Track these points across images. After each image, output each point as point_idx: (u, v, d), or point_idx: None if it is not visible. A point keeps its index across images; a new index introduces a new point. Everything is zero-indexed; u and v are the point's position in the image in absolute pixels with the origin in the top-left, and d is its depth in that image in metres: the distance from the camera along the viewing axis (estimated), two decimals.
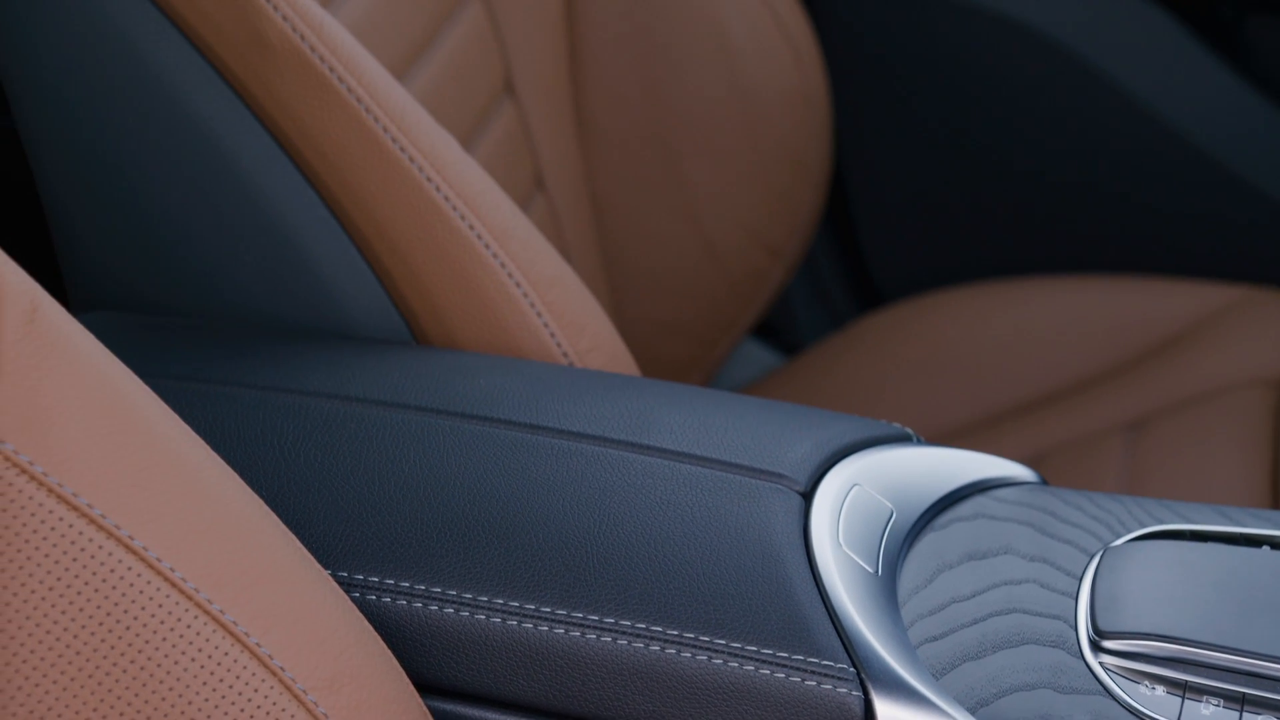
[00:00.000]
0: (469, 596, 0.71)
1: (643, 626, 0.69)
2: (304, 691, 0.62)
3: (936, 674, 0.68)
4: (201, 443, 0.64)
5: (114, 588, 0.57)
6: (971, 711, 0.67)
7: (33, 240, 0.96)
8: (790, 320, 1.55)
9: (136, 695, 0.58)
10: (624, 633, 0.69)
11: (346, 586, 0.72)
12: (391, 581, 0.72)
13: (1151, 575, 0.71)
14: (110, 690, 0.57)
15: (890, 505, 0.75)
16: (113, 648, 0.57)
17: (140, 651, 0.58)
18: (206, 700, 0.59)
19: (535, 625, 0.70)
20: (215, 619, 0.60)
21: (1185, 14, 1.40)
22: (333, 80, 0.81)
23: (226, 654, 0.60)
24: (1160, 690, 0.67)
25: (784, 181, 1.32)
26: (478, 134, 1.15)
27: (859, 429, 0.78)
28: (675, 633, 0.69)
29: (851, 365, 1.34)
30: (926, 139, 1.47)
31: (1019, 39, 1.40)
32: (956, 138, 1.46)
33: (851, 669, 0.67)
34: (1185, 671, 0.67)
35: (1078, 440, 1.21)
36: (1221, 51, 1.40)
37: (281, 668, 0.61)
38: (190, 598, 0.59)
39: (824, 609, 0.69)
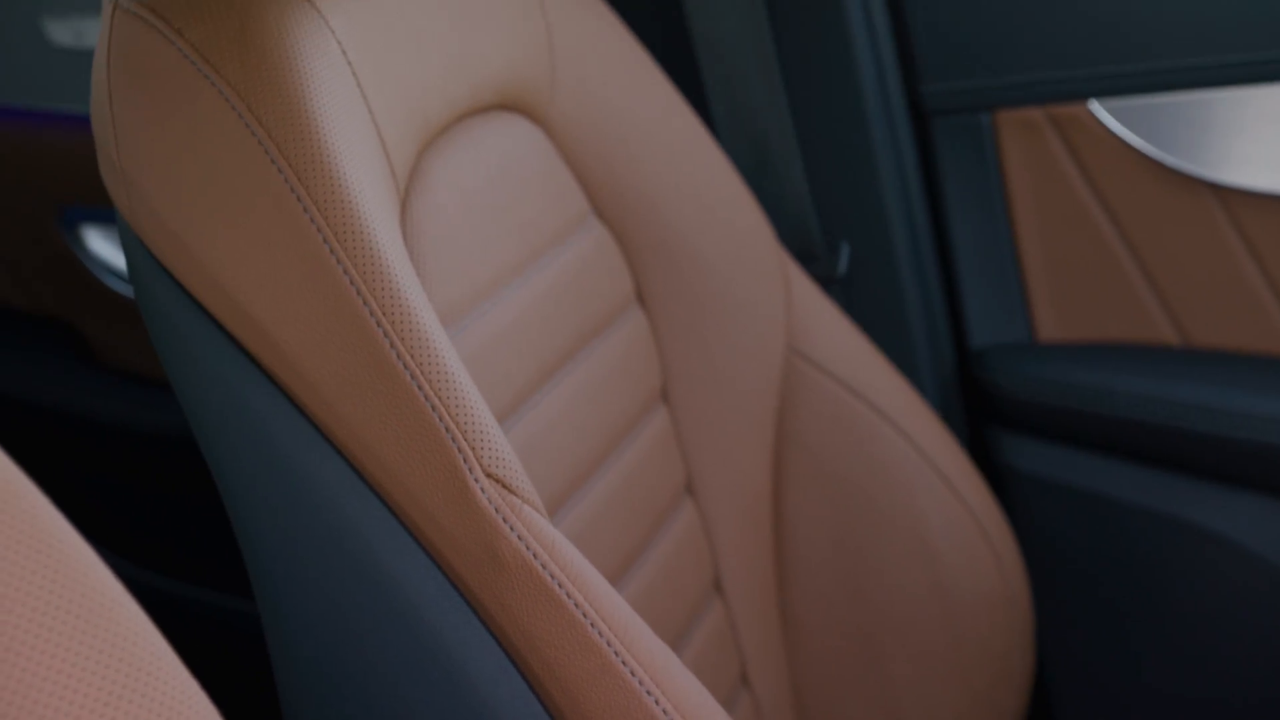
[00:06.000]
0: None
1: None
2: None
3: None
4: None
5: None
6: None
7: None
8: None
9: None
10: None
11: None
12: None
13: None
14: None
15: None
16: None
17: None
18: None
19: None
20: None
21: None
22: (562, 596, 0.84)
23: None
24: None
25: (986, 682, 1.32)
26: (688, 632, 1.17)
27: None
28: None
29: None
30: (1130, 644, 1.46)
31: (1219, 549, 1.40)
32: (1160, 643, 1.45)
33: None
34: None
35: None
36: None
37: None
38: None
39: None
